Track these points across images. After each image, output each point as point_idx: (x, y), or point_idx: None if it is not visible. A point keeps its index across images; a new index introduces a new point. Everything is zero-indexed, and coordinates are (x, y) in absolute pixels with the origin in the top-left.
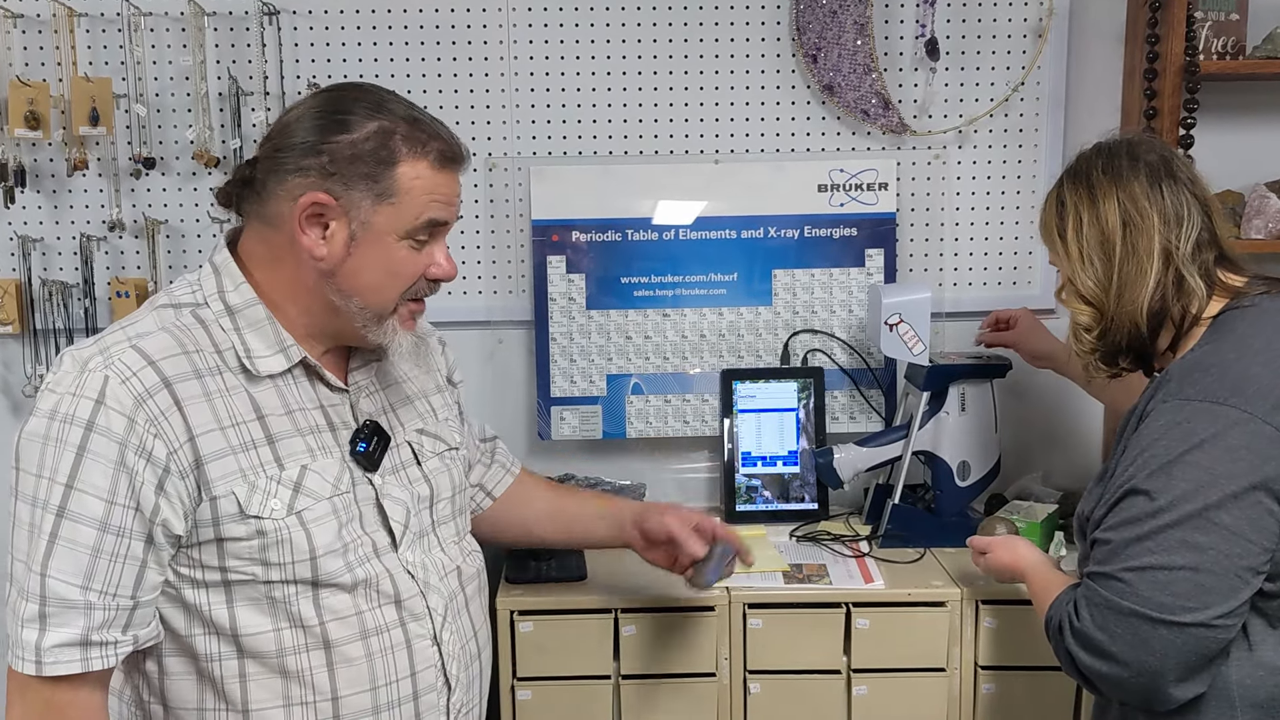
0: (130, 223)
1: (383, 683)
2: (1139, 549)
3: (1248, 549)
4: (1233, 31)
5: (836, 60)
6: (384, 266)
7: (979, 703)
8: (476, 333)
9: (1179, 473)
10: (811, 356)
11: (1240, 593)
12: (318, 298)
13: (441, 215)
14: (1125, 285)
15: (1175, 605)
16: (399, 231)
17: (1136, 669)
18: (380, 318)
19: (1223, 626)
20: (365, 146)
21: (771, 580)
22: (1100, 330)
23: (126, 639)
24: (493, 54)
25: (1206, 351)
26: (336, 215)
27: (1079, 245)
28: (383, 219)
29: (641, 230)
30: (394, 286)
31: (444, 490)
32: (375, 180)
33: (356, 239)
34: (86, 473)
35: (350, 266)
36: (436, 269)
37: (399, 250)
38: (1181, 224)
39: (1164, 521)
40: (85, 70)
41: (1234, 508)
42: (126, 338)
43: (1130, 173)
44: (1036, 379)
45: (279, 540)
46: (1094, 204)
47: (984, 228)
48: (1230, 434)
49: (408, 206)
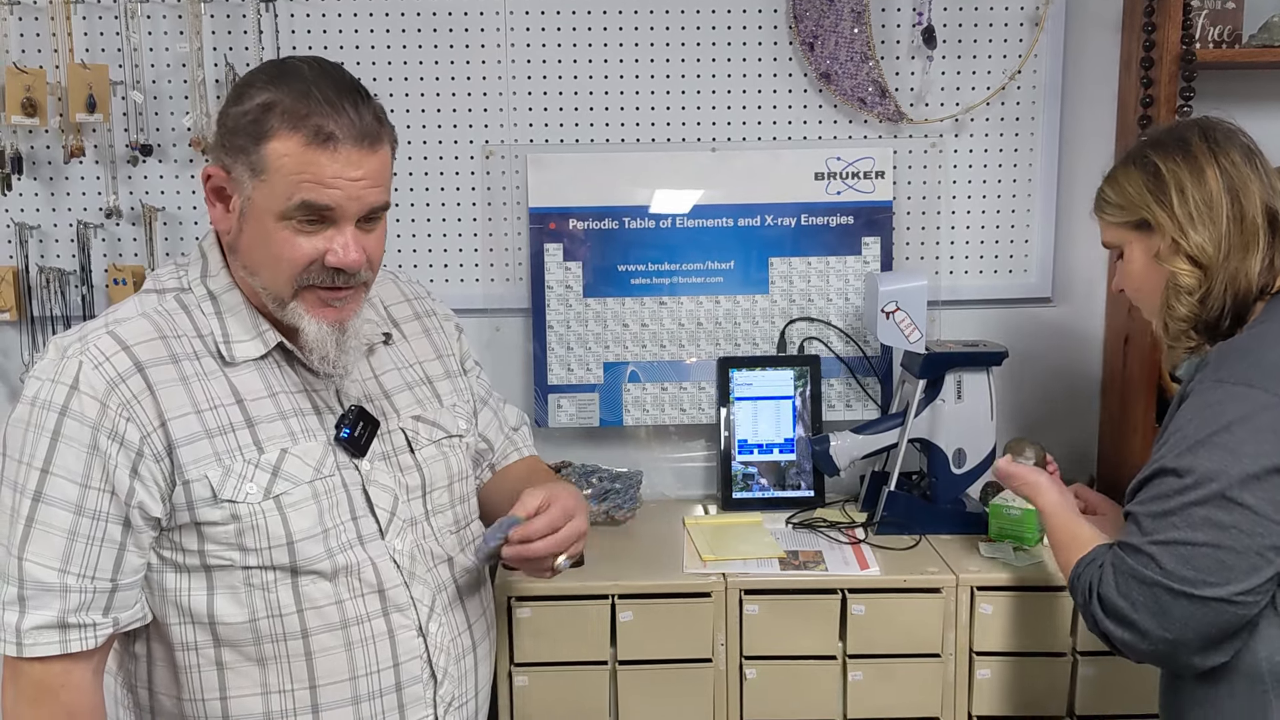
0: (127, 210)
1: (362, 673)
2: (1165, 524)
3: (1270, 529)
4: (1229, 20)
5: (834, 48)
6: (265, 247)
7: (974, 688)
8: (474, 320)
9: (1206, 453)
10: (808, 344)
11: (1261, 571)
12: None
13: (315, 198)
14: (1234, 249)
15: (1197, 579)
16: (274, 212)
17: (1156, 638)
18: (280, 300)
19: (1242, 603)
20: (244, 120)
21: (768, 567)
22: (1203, 294)
23: (106, 621)
24: (490, 41)
25: (1248, 335)
26: (232, 188)
27: (1186, 208)
28: (260, 196)
29: (639, 218)
30: (280, 269)
31: (439, 479)
32: (248, 154)
33: (244, 215)
34: (61, 457)
35: (243, 243)
36: (332, 257)
37: (278, 232)
38: (1276, 192)
39: (1190, 499)
40: (82, 57)
41: (1257, 489)
42: (105, 324)
43: (1227, 142)
44: (1033, 367)
45: (254, 525)
46: (1197, 169)
47: (980, 216)
48: (1259, 417)
49: (278, 185)
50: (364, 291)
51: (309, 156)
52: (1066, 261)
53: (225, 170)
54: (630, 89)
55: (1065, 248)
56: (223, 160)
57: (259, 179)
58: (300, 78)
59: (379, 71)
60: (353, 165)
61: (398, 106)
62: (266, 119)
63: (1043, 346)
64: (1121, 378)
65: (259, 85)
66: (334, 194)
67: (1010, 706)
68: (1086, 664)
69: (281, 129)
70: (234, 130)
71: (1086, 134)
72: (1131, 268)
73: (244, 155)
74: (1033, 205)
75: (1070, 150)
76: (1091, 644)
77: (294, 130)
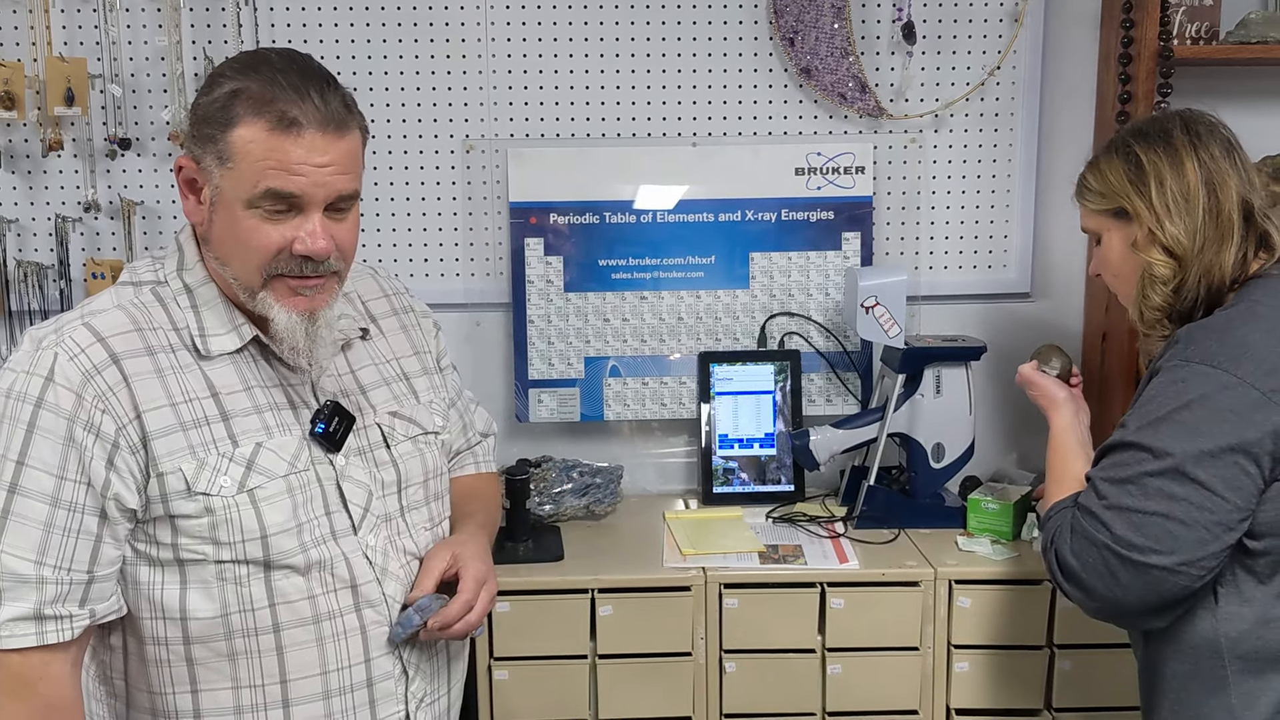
0: (106, 204)
1: (334, 668)
2: (1121, 491)
3: (1219, 505)
4: (1206, 17)
5: (814, 43)
6: (234, 236)
7: (952, 681)
8: (454, 315)
9: (1166, 429)
10: (788, 339)
11: (1207, 545)
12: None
13: (280, 185)
14: (1209, 241)
15: (1144, 546)
16: (241, 199)
17: (1101, 598)
18: (250, 290)
19: (1184, 574)
20: (213, 108)
21: (747, 561)
22: (1177, 284)
23: (83, 613)
24: (470, 35)
25: (1219, 316)
26: (202, 179)
27: (1163, 199)
28: (228, 184)
29: (620, 213)
30: (249, 258)
31: (414, 475)
32: (215, 143)
33: (214, 204)
34: (36, 449)
35: (214, 233)
36: (299, 244)
37: (246, 220)
38: (1253, 187)
39: (1146, 469)
40: (60, 50)
41: (1211, 466)
42: (80, 316)
43: (1209, 136)
44: (1011, 363)
45: (227, 518)
46: (1177, 162)
47: (960, 211)
48: (1219, 396)
49: (245, 172)
50: (336, 281)
51: (274, 143)
52: (1045, 257)
53: (195, 161)
54: (611, 84)
55: (1044, 243)
56: (193, 150)
57: (226, 167)
58: (268, 65)
59: (359, 65)
60: (318, 151)
61: (378, 101)
62: (233, 106)
63: (1021, 341)
64: (1100, 373)
65: (228, 75)
66: (299, 180)
67: (988, 699)
68: (1064, 657)
69: (247, 115)
70: (203, 119)
71: (1065, 130)
72: (1109, 254)
73: (212, 144)
74: (1012, 201)
75: (1049, 146)
76: (1069, 637)
77: (258, 116)
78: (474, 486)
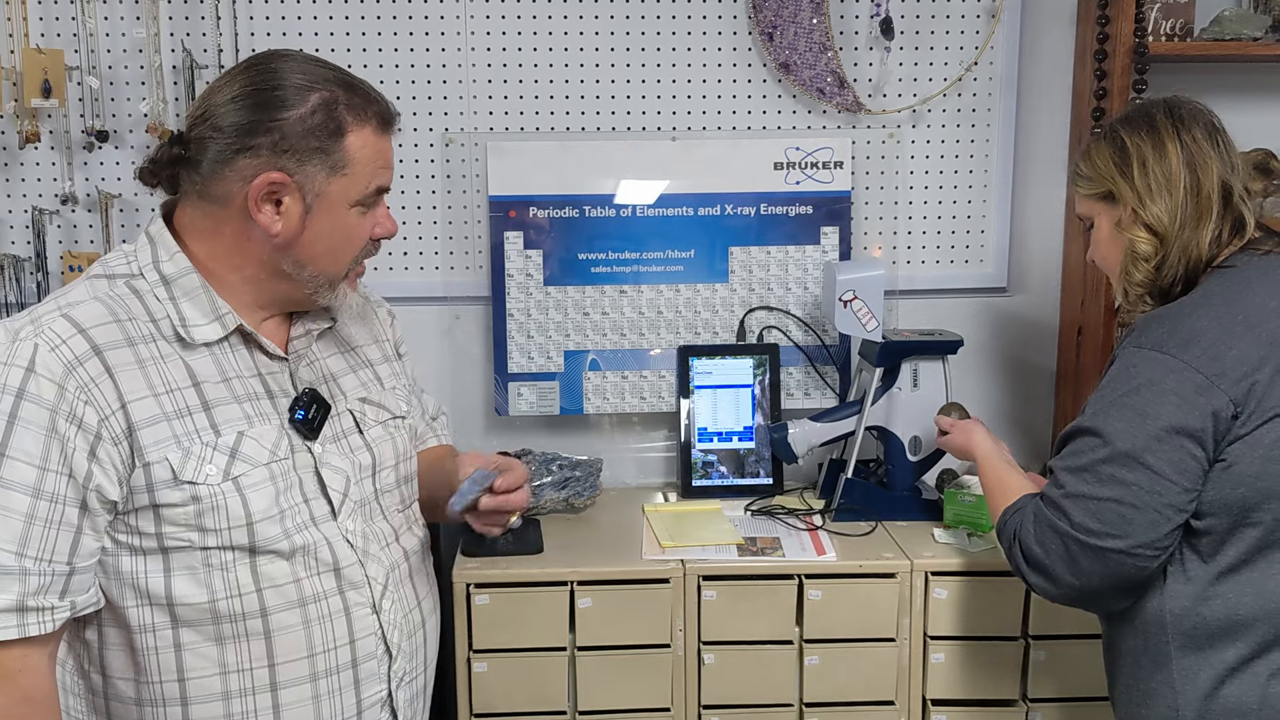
0: (83, 196)
1: (320, 650)
2: (1078, 479)
3: (1169, 488)
4: (1181, 14)
5: (793, 38)
6: (340, 235)
7: (928, 672)
8: (434, 309)
9: (1117, 414)
10: (767, 333)
11: (1159, 526)
12: (268, 268)
13: (386, 181)
14: (1188, 220)
15: (1101, 531)
16: (350, 200)
17: (1065, 584)
18: (333, 283)
19: (1140, 555)
20: (314, 120)
21: (725, 553)
22: (1159, 261)
23: (64, 605)
24: (449, 29)
25: (1173, 305)
26: (290, 191)
27: (1146, 180)
28: (336, 189)
29: (599, 207)
30: (348, 253)
31: (387, 459)
32: (327, 154)
33: (312, 211)
34: (18, 440)
35: (306, 238)
36: (381, 229)
37: (350, 218)
38: (1235, 170)
39: (1099, 456)
40: (37, 42)
41: (1159, 449)
42: (58, 307)
43: (1191, 120)
44: (988, 357)
45: (214, 506)
46: (1159, 144)
47: (937, 206)
48: (1165, 380)
49: (359, 175)
50: None
51: (381, 143)
52: (1022, 252)
53: (289, 174)
54: (590, 78)
55: (1021, 238)
56: (287, 165)
57: (340, 174)
58: (326, 66)
59: (338, 59)
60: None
61: None
62: (335, 115)
63: (998, 336)
64: (1075, 367)
65: (299, 85)
66: (391, 173)
67: (964, 690)
68: (1039, 648)
69: (354, 122)
70: (304, 133)
71: (1042, 125)
72: (1099, 236)
73: (322, 155)
74: (989, 196)
75: (1026, 141)
76: (1044, 628)
77: (364, 121)
78: (442, 454)
